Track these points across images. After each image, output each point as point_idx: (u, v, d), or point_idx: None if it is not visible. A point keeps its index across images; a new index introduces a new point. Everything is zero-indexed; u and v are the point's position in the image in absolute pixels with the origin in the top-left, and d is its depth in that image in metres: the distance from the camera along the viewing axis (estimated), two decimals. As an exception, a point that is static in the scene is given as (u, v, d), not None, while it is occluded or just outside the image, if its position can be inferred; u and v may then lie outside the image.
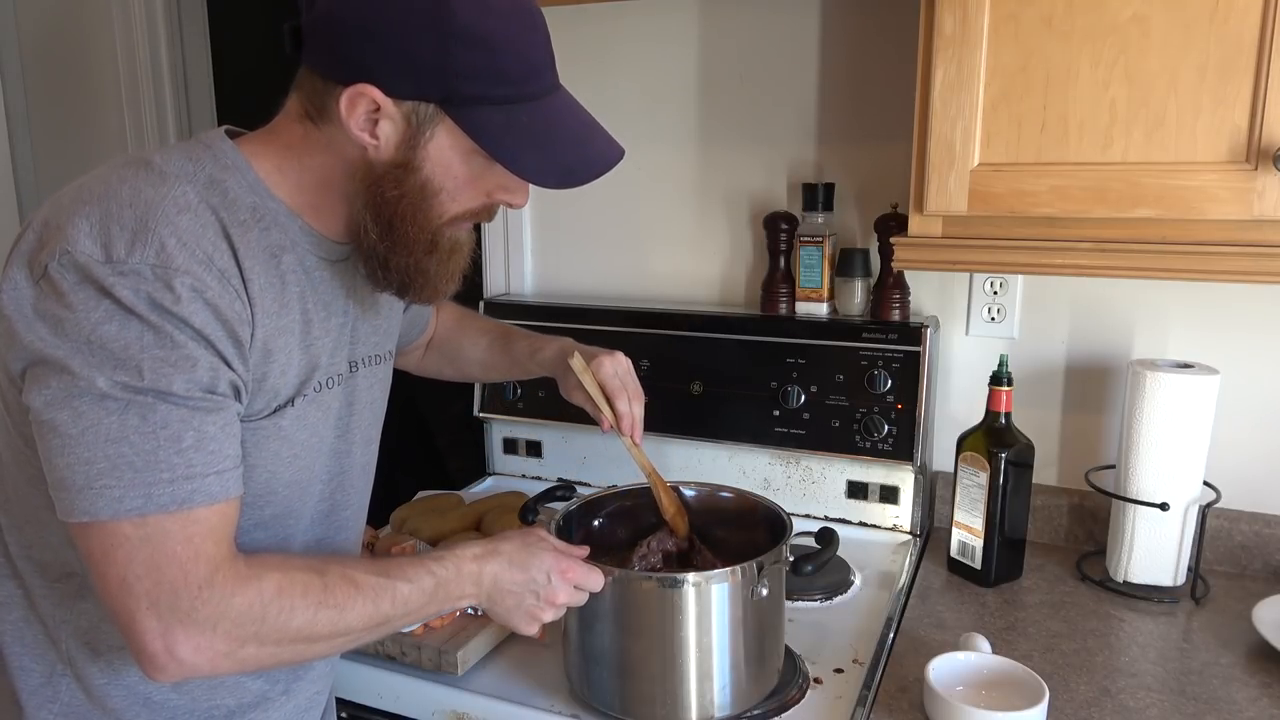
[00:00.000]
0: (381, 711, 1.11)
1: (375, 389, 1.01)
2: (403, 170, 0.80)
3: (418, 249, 0.83)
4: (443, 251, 0.85)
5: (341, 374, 0.92)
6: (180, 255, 0.73)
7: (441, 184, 0.81)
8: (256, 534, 0.86)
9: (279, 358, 0.82)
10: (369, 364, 0.98)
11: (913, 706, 1.00)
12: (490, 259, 1.77)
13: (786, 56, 1.50)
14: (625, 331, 1.56)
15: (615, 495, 1.17)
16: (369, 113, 0.78)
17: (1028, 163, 1.05)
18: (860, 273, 1.45)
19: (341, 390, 0.93)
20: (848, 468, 1.46)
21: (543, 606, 0.93)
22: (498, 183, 0.84)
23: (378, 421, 1.03)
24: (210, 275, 0.75)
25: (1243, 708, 0.99)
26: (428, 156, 0.80)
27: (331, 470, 0.94)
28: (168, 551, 0.72)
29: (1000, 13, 1.03)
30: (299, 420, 0.86)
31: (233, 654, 0.75)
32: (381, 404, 1.03)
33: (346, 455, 0.96)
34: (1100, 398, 1.40)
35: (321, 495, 0.94)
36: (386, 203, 0.81)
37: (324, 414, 0.90)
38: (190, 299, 0.73)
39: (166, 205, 0.75)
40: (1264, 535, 1.31)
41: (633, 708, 0.99)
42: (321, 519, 0.95)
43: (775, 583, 0.99)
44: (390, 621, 0.84)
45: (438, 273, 0.86)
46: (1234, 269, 1.01)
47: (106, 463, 0.71)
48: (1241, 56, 0.95)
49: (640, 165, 1.63)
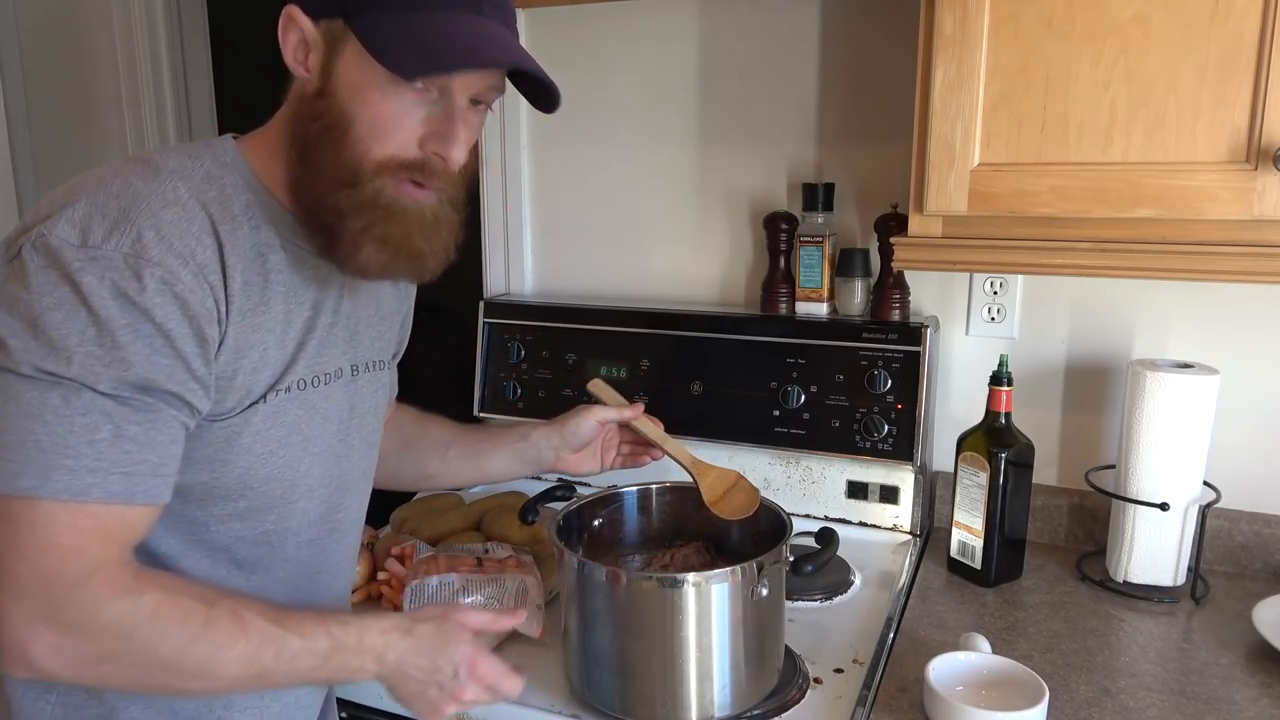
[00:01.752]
0: (381, 711, 1.11)
1: (379, 394, 1.00)
2: (322, 98, 0.79)
3: (334, 183, 0.79)
4: (365, 198, 0.79)
5: (334, 374, 0.91)
6: (156, 247, 0.73)
7: (357, 113, 0.78)
8: (232, 524, 0.86)
9: (251, 355, 0.81)
10: (373, 369, 0.98)
11: (913, 706, 1.00)
12: (490, 259, 1.77)
13: (786, 56, 1.50)
14: (625, 331, 1.56)
15: (615, 495, 1.17)
16: (300, 41, 0.79)
17: (1028, 163, 1.05)
18: (860, 273, 1.45)
19: (343, 393, 0.93)
20: (848, 468, 1.46)
21: (446, 700, 0.86)
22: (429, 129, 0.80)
23: (380, 427, 1.03)
24: (185, 270, 0.74)
25: (1243, 708, 0.99)
26: (339, 79, 0.78)
27: (329, 472, 0.93)
28: (51, 540, 0.71)
29: (1000, 13, 1.03)
30: (274, 417, 0.85)
31: (89, 667, 0.74)
32: (384, 410, 1.03)
33: (346, 459, 0.95)
34: (1100, 398, 1.40)
35: (317, 498, 0.93)
36: (309, 136, 0.80)
37: (309, 412, 0.88)
38: (157, 291, 0.73)
39: (153, 198, 0.75)
40: (1264, 535, 1.31)
41: (633, 708, 0.99)
42: (318, 521, 0.94)
43: (775, 583, 0.99)
44: (270, 675, 0.78)
45: (360, 227, 0.80)
46: (1234, 269, 1.01)
47: (15, 436, 0.70)
48: (1241, 56, 0.95)
49: (640, 165, 1.63)
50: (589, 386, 1.20)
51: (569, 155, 1.69)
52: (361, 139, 0.79)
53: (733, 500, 1.12)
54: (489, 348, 1.67)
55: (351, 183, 0.79)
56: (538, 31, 1.66)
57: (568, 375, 1.60)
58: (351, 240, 0.81)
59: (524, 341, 1.64)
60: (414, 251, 0.83)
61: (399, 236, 0.81)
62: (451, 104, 0.80)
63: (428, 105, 0.80)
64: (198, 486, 0.83)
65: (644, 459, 1.20)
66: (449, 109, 0.80)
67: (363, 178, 0.79)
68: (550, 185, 1.72)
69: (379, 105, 0.78)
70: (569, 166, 1.70)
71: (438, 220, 0.84)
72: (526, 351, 1.63)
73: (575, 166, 1.69)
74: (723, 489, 1.13)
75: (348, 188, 0.79)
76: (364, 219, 0.80)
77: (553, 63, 1.69)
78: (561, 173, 1.70)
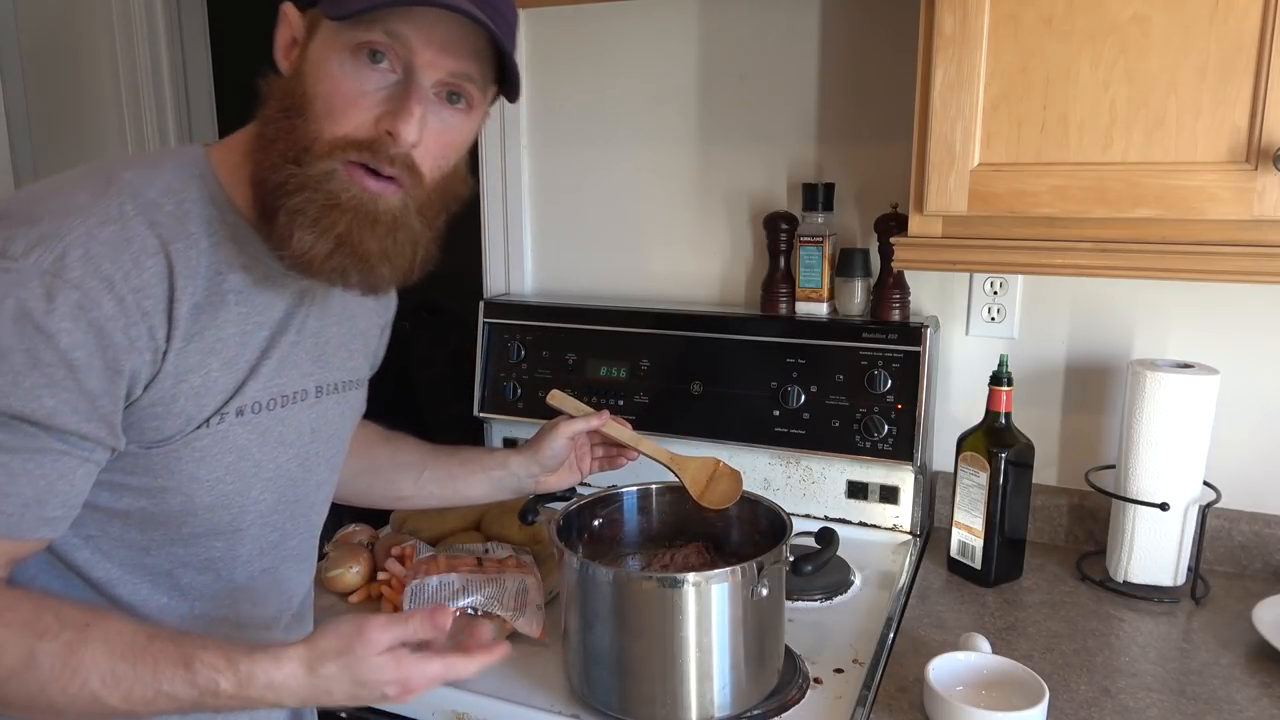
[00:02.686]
0: (382, 711, 1.10)
1: (346, 416, 0.96)
2: (289, 81, 0.76)
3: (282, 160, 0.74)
4: (309, 175, 0.74)
5: (295, 395, 0.86)
6: (79, 268, 0.68)
7: (316, 91, 0.74)
8: (174, 549, 0.82)
9: (192, 379, 0.77)
10: (342, 389, 0.93)
11: (913, 706, 1.00)
12: (490, 259, 1.77)
13: (787, 56, 1.50)
14: (625, 331, 1.56)
15: (615, 495, 1.17)
16: (291, 39, 0.77)
17: (1028, 163, 1.05)
18: (860, 273, 1.45)
19: (305, 415, 0.88)
20: (848, 468, 1.46)
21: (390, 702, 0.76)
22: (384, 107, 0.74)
23: (344, 450, 0.98)
24: (108, 296, 0.69)
25: (1243, 708, 0.99)
26: (308, 59, 0.75)
27: (284, 498, 0.88)
28: None
29: (1000, 13, 1.03)
30: (220, 443, 0.80)
31: None
32: (350, 432, 0.98)
33: (303, 484, 0.90)
34: (1100, 398, 1.40)
35: (270, 525, 0.88)
36: (270, 120, 0.76)
37: (262, 437, 0.83)
38: (67, 315, 0.67)
39: (92, 215, 0.70)
40: (1264, 535, 1.31)
41: (633, 708, 0.99)
42: (270, 549, 0.89)
43: (775, 583, 0.99)
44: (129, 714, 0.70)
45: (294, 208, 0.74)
46: (1234, 269, 1.01)
47: None
48: (1241, 56, 0.95)
49: (640, 165, 1.63)
50: (548, 400, 1.17)
51: (569, 155, 1.69)
52: (318, 117, 0.74)
53: (718, 488, 1.13)
54: (489, 348, 1.67)
55: (298, 160, 0.74)
56: (538, 31, 1.66)
57: (568, 375, 1.60)
58: (286, 222, 0.74)
59: (524, 341, 1.64)
60: (362, 251, 0.76)
61: (342, 228, 0.75)
62: (412, 81, 0.75)
63: (390, 85, 0.75)
64: (137, 512, 0.79)
65: (620, 461, 1.20)
66: (408, 86, 0.75)
67: (312, 156, 0.74)
68: (550, 185, 1.72)
69: (338, 81, 0.74)
70: (569, 166, 1.70)
71: (396, 223, 0.77)
72: (526, 351, 1.63)
73: (575, 166, 1.69)
74: (705, 479, 1.13)
75: (293, 164, 0.74)
76: (301, 198, 0.74)
77: (553, 63, 1.70)
78: (561, 173, 1.70)
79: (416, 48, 0.74)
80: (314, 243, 0.74)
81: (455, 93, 0.78)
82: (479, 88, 0.79)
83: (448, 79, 0.77)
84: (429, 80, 0.76)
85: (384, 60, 0.74)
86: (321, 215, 0.74)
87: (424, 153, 0.77)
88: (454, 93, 0.78)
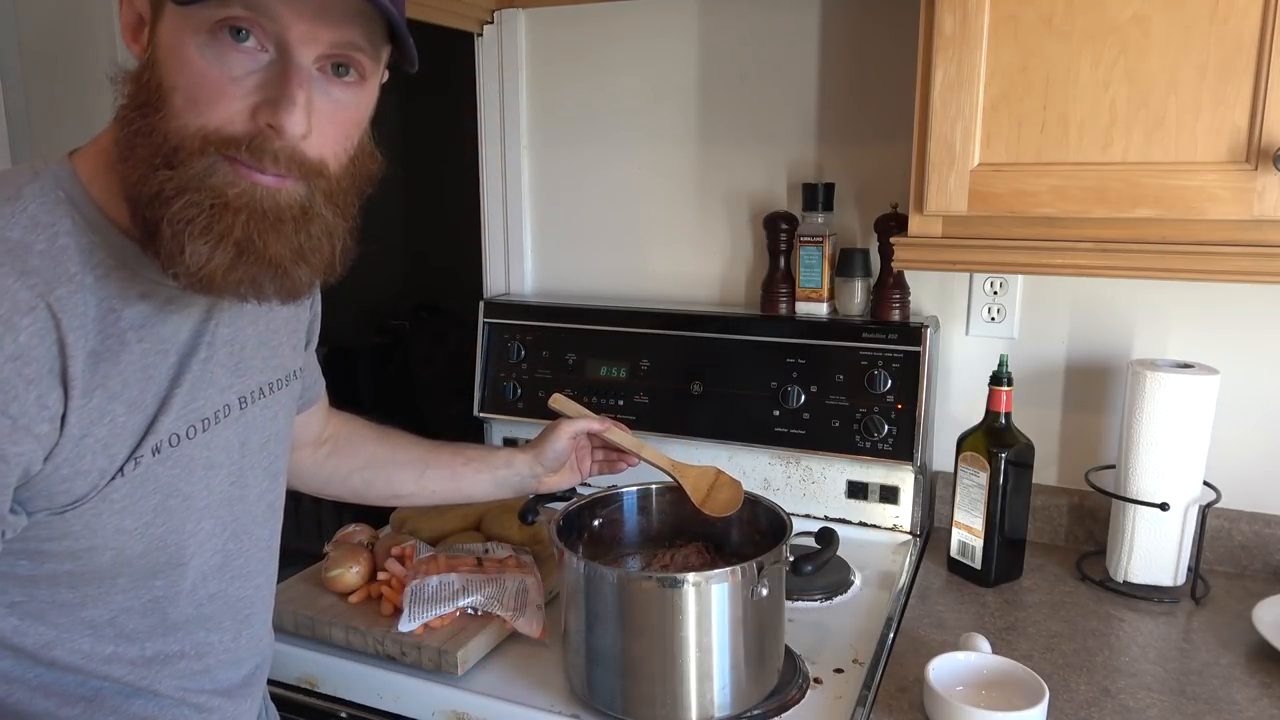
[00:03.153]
0: (381, 711, 1.11)
1: (279, 418, 0.88)
2: (141, 73, 0.65)
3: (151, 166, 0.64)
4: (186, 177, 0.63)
5: (216, 415, 0.79)
6: None
7: (174, 82, 0.63)
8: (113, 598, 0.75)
9: (96, 430, 0.68)
10: (268, 392, 0.86)
11: (913, 706, 1.00)
12: (490, 259, 1.77)
13: (787, 56, 1.50)
14: (625, 331, 1.56)
15: (615, 495, 1.17)
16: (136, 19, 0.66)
17: (1028, 163, 1.05)
18: (860, 273, 1.45)
19: (232, 431, 0.81)
20: (848, 468, 1.46)
21: None
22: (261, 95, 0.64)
23: (285, 452, 0.91)
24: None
25: (1243, 708, 0.99)
26: (158, 45, 0.64)
27: (221, 521, 0.82)
28: None
29: (1000, 13, 1.03)
30: (141, 487, 0.72)
31: None
32: (287, 430, 0.91)
33: (242, 500, 0.84)
34: (1100, 398, 1.40)
35: (211, 549, 0.82)
36: (126, 121, 0.66)
37: (186, 469, 0.76)
38: None
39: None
40: (1264, 535, 1.31)
41: (633, 708, 0.99)
42: (214, 573, 0.83)
43: (775, 583, 0.99)
44: None
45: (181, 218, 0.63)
46: (1234, 269, 1.01)
47: None
48: (1241, 56, 0.95)
49: (640, 165, 1.63)
50: (550, 403, 1.19)
51: (569, 155, 1.69)
52: (180, 111, 0.63)
53: (719, 497, 1.13)
54: (489, 348, 1.67)
55: (170, 163, 0.63)
56: (538, 31, 1.66)
57: (568, 375, 1.60)
58: (173, 235, 0.64)
59: (524, 341, 1.64)
60: (270, 255, 0.66)
61: (239, 232, 0.64)
62: (289, 62, 0.64)
63: (262, 68, 0.64)
64: (64, 575, 0.72)
65: (620, 465, 1.21)
66: (285, 68, 0.64)
67: (185, 156, 0.63)
68: (550, 185, 1.72)
69: (200, 69, 0.63)
70: (569, 166, 1.70)
71: (306, 215, 0.68)
72: (526, 351, 1.63)
73: (575, 166, 1.69)
74: (706, 487, 1.14)
75: (165, 169, 0.63)
76: (185, 201, 0.63)
77: (553, 62, 1.70)
78: (561, 173, 1.70)
79: (287, 20, 0.63)
80: (210, 253, 0.64)
81: (341, 64, 0.67)
82: (369, 55, 0.68)
83: (330, 51, 0.66)
84: (308, 57, 0.65)
85: (249, 38, 0.63)
86: (213, 220, 0.64)
87: (319, 141, 0.67)
88: (340, 64, 0.67)
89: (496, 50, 1.67)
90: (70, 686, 0.76)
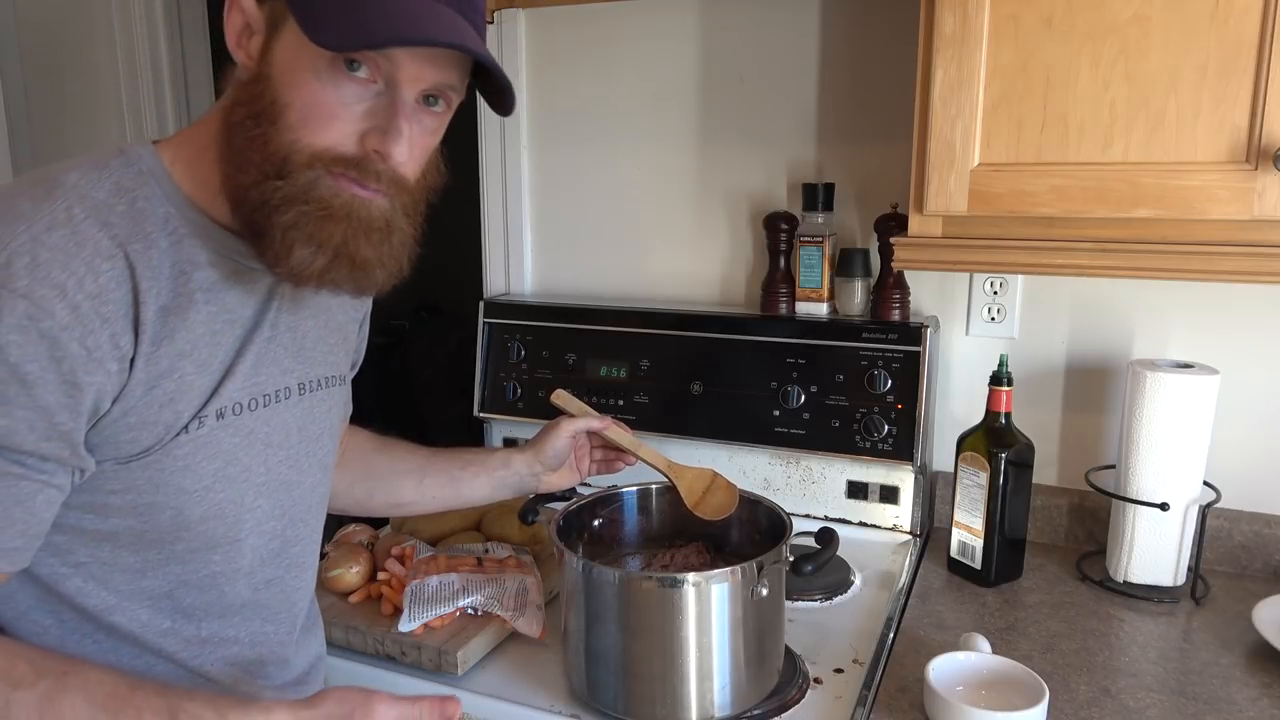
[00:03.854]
0: (381, 711, 1.10)
1: (334, 413, 0.93)
2: (255, 84, 0.71)
3: (262, 175, 0.71)
4: (295, 189, 0.71)
5: (278, 394, 0.84)
6: (26, 277, 0.65)
7: (290, 99, 0.70)
8: (172, 568, 0.79)
9: (165, 384, 0.73)
10: (326, 385, 0.91)
11: (913, 706, 1.00)
12: (490, 259, 1.77)
13: (787, 56, 1.50)
14: (625, 331, 1.56)
15: (615, 495, 1.17)
16: (244, 26, 0.72)
17: (1028, 163, 1.05)
18: (860, 273, 1.45)
19: (291, 414, 0.85)
20: (848, 468, 1.46)
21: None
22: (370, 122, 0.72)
23: (335, 449, 0.96)
24: (61, 304, 0.66)
25: (1243, 708, 0.99)
26: (274, 61, 0.71)
27: (278, 504, 0.86)
28: None
29: (1000, 13, 1.03)
30: (204, 449, 0.77)
31: None
32: (339, 430, 0.96)
33: (299, 486, 0.88)
34: (1100, 398, 1.40)
35: (268, 532, 0.86)
36: (237, 126, 0.72)
37: (246, 439, 0.80)
38: (16, 327, 0.64)
39: (37, 220, 0.67)
40: (1264, 535, 1.31)
41: (633, 708, 0.99)
42: (271, 558, 0.87)
43: (775, 583, 0.99)
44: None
45: (293, 224, 0.71)
46: (1234, 269, 1.01)
47: None
48: (1241, 56, 0.95)
49: (640, 165, 1.63)
50: (552, 399, 1.19)
51: (569, 155, 1.69)
52: (292, 127, 0.70)
53: (713, 500, 1.13)
54: (489, 348, 1.67)
55: (280, 174, 0.71)
56: (538, 32, 1.66)
57: (568, 375, 1.60)
58: (282, 238, 0.71)
59: (524, 341, 1.64)
60: (358, 259, 0.74)
61: (339, 239, 0.73)
62: (396, 96, 0.72)
63: (371, 97, 0.72)
64: (126, 532, 0.76)
65: (618, 465, 1.21)
66: (393, 101, 0.72)
67: (293, 168, 0.71)
68: (550, 185, 1.72)
69: (315, 92, 0.70)
70: (569, 166, 1.70)
71: (389, 228, 0.76)
72: (526, 351, 1.63)
73: (575, 166, 1.69)
74: (701, 489, 1.14)
75: (276, 179, 0.71)
76: (294, 213, 0.71)
77: (553, 62, 1.70)
78: (561, 173, 1.70)
79: (400, 61, 0.71)
80: (312, 258, 0.72)
81: (434, 96, 0.76)
82: (458, 91, 0.77)
83: (430, 89, 0.74)
84: (412, 93, 0.73)
85: (362, 69, 0.71)
86: (318, 228, 0.72)
87: (409, 163, 0.75)
88: (433, 97, 0.75)
89: (496, 50, 1.67)
90: (125, 658, 0.80)
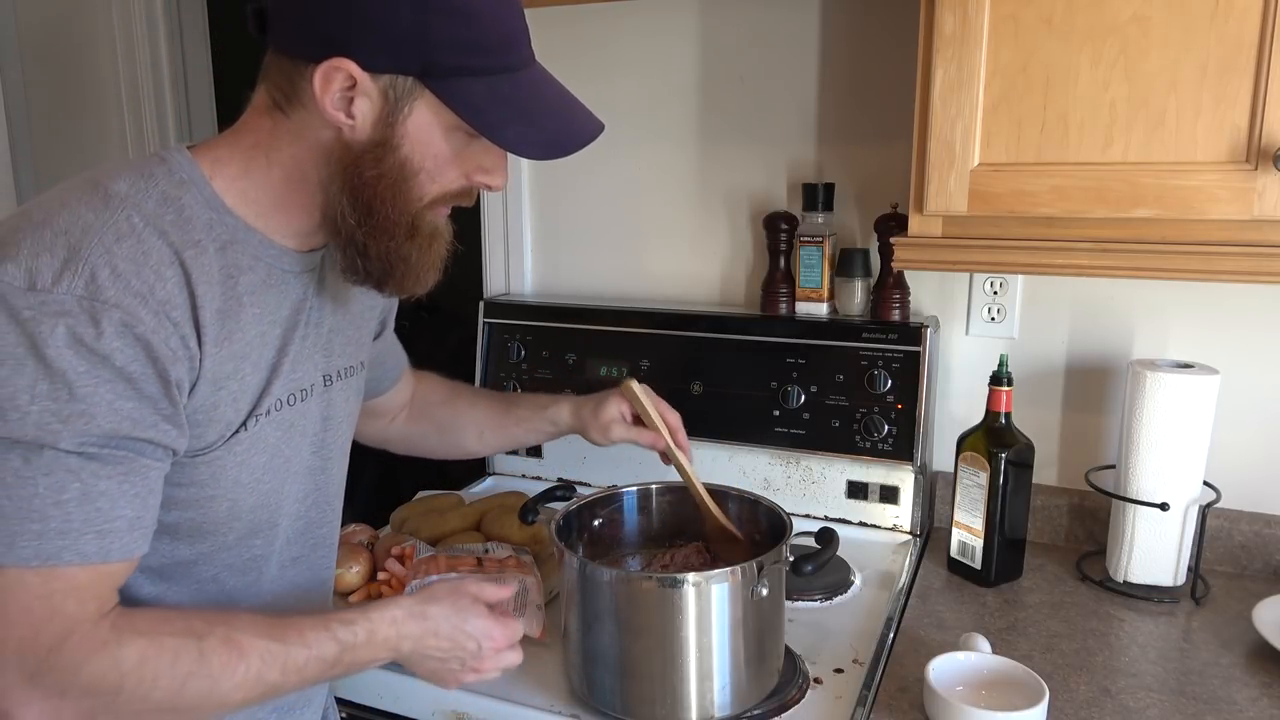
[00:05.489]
0: (381, 711, 1.11)
1: (351, 401, 0.98)
2: (381, 149, 0.77)
3: (398, 233, 0.80)
4: (423, 236, 0.82)
5: (310, 388, 0.89)
6: (112, 287, 0.69)
7: (421, 163, 0.78)
8: (221, 556, 0.84)
9: (230, 385, 0.79)
10: (344, 376, 0.96)
11: (913, 706, 1.00)
12: (490, 259, 1.77)
13: (787, 56, 1.50)
14: (625, 331, 1.56)
15: (615, 495, 1.17)
16: (344, 90, 0.75)
17: (1028, 163, 1.05)
18: (860, 273, 1.45)
19: (316, 405, 0.91)
20: (848, 468, 1.46)
21: (466, 672, 0.90)
22: (476, 163, 0.81)
23: (351, 435, 1.01)
24: (145, 309, 0.70)
25: (1243, 708, 0.99)
26: (407, 134, 0.77)
27: (307, 488, 0.92)
28: (22, 606, 0.68)
29: (1000, 13, 1.03)
30: (256, 443, 0.83)
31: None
32: (355, 416, 1.01)
33: (323, 471, 0.94)
34: (1100, 398, 1.40)
35: (297, 514, 0.91)
36: (365, 184, 0.78)
37: (287, 432, 0.86)
38: (116, 335, 0.68)
39: (105, 232, 0.70)
40: (1264, 535, 1.31)
41: (633, 707, 0.99)
42: (298, 537, 0.93)
43: (775, 583, 0.99)
44: (279, 689, 0.77)
45: (419, 260, 0.83)
46: (1234, 269, 1.01)
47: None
48: (1241, 56, 0.95)
49: (640, 165, 1.63)
50: (624, 386, 1.15)
51: (569, 155, 1.69)
52: (422, 185, 0.79)
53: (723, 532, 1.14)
54: (489, 348, 1.67)
55: (413, 230, 0.81)
56: (538, 31, 1.65)
57: (568, 375, 1.60)
58: (417, 275, 0.83)
59: (524, 341, 1.64)
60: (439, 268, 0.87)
61: (442, 255, 0.85)
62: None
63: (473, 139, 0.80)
64: (185, 524, 0.80)
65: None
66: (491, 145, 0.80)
67: (421, 222, 0.81)
68: (550, 185, 1.72)
69: (442, 152, 0.79)
70: (569, 166, 1.69)
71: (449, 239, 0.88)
72: (526, 351, 1.63)
73: (575, 166, 1.69)
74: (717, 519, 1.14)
75: (412, 235, 0.81)
76: (424, 251, 0.83)
77: (553, 62, 1.69)
78: (561, 173, 1.70)
79: None
80: (433, 280, 0.85)
81: None
82: None
83: None
84: None
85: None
86: (435, 256, 0.84)
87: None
88: None
89: (496, 50, 1.67)
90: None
